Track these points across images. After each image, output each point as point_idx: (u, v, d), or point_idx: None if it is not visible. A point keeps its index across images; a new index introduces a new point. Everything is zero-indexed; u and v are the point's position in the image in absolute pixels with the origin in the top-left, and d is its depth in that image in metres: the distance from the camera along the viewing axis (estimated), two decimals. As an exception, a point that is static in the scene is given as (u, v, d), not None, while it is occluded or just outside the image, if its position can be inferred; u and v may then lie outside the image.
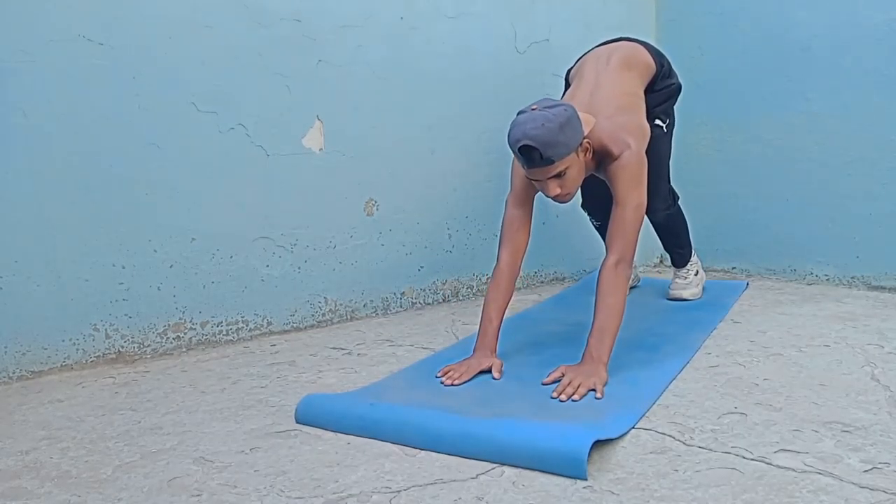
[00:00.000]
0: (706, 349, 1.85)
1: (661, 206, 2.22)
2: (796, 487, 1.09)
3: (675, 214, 2.32)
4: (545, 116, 1.59)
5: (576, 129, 1.64)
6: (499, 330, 1.77)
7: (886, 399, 1.44)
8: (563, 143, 1.60)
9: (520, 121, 1.62)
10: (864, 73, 2.46)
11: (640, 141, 1.81)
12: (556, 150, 1.60)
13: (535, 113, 1.61)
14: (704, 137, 2.95)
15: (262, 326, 2.21)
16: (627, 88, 1.96)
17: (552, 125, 1.58)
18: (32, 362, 1.86)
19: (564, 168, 1.64)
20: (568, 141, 1.62)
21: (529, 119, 1.60)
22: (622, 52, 2.06)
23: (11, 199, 1.80)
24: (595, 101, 1.88)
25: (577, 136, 1.64)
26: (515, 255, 1.82)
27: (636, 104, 1.95)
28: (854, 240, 2.55)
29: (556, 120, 1.59)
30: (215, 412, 1.55)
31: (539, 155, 1.59)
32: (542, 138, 1.57)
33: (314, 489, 1.17)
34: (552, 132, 1.58)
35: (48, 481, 1.24)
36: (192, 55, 2.02)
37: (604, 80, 1.95)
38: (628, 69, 2.01)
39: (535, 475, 1.18)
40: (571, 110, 1.64)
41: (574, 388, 1.51)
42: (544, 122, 1.58)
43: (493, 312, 1.77)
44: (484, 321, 1.77)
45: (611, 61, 2.01)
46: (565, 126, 1.60)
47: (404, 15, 2.41)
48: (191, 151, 2.04)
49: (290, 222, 2.23)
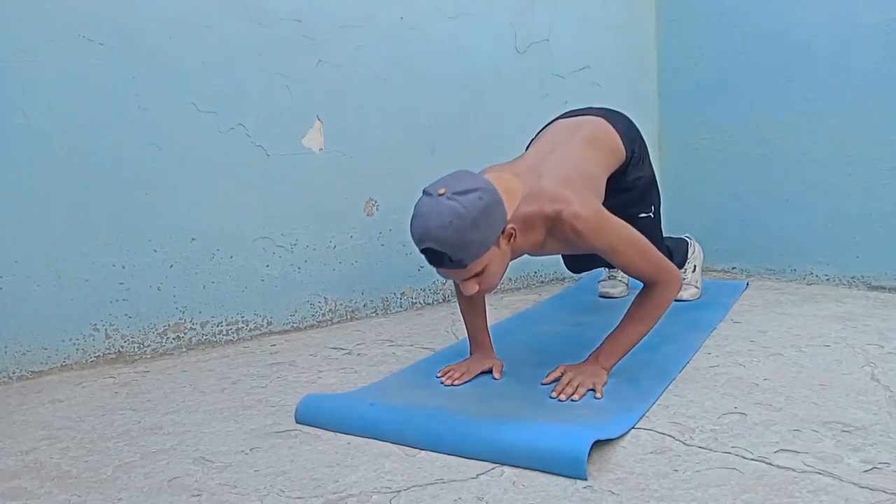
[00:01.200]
0: (706, 349, 1.85)
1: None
2: (796, 487, 1.09)
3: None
4: (454, 210, 1.30)
5: (494, 219, 1.35)
6: (487, 329, 1.77)
7: (886, 399, 1.43)
8: (476, 242, 1.32)
9: (423, 212, 1.33)
10: (864, 73, 2.46)
11: (585, 195, 1.51)
12: (468, 252, 1.33)
13: (443, 203, 1.31)
14: (704, 137, 2.95)
15: (262, 326, 2.21)
16: (584, 160, 1.67)
17: (463, 223, 1.30)
18: (32, 362, 1.86)
19: (482, 268, 1.38)
20: (484, 237, 1.33)
21: (434, 213, 1.31)
22: (589, 128, 1.79)
23: (11, 199, 1.80)
24: (542, 165, 1.60)
25: (496, 227, 1.36)
26: None
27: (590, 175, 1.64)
28: (854, 240, 2.55)
29: (467, 216, 1.30)
30: (215, 412, 1.55)
31: (448, 259, 1.33)
32: (450, 241, 1.30)
33: (314, 489, 1.17)
34: (462, 232, 1.30)
35: (48, 481, 1.24)
36: (192, 55, 2.02)
37: (561, 148, 1.69)
38: (593, 148, 1.72)
39: (535, 475, 1.18)
40: (488, 195, 1.34)
41: (574, 388, 1.51)
42: (453, 218, 1.29)
43: (476, 319, 1.75)
44: (469, 327, 1.76)
45: (574, 135, 1.75)
46: (479, 220, 1.31)
47: (404, 15, 2.41)
48: (191, 151, 2.04)
49: (290, 222, 2.23)
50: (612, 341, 1.59)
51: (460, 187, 1.33)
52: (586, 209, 1.47)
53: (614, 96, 2.96)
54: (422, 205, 1.35)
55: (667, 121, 3.10)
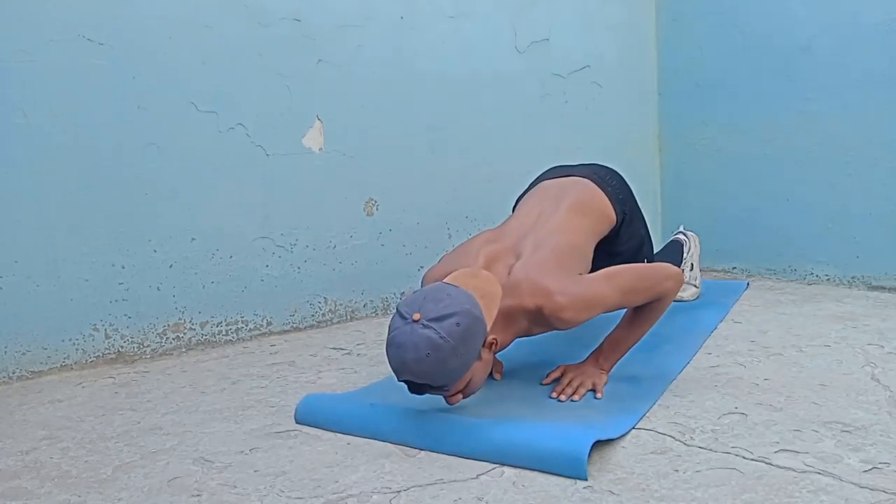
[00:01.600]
0: (706, 349, 1.85)
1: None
2: (796, 487, 1.09)
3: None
4: (430, 342, 1.24)
5: (474, 341, 1.29)
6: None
7: (886, 399, 1.43)
8: (457, 367, 1.28)
9: (398, 341, 1.27)
10: (864, 73, 2.46)
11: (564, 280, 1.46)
12: (450, 378, 1.28)
13: (417, 333, 1.25)
14: (704, 137, 2.95)
15: (261, 326, 2.21)
16: (572, 239, 1.60)
17: (441, 354, 1.24)
18: (32, 362, 1.86)
19: (464, 385, 1.34)
20: (464, 361, 1.28)
21: (411, 344, 1.25)
22: (577, 193, 1.73)
23: (11, 199, 1.80)
24: (525, 242, 1.57)
25: (476, 347, 1.31)
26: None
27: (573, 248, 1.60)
28: (854, 240, 2.54)
29: (445, 347, 1.24)
30: (215, 412, 1.55)
31: (428, 387, 1.30)
32: (428, 374, 1.26)
33: (314, 489, 1.16)
34: (440, 363, 1.25)
35: (48, 481, 1.24)
36: (192, 55, 2.02)
37: (546, 220, 1.64)
38: (581, 215, 1.67)
39: (535, 475, 1.18)
40: (466, 319, 1.27)
41: (574, 389, 1.51)
42: (430, 350, 1.24)
43: None
44: None
45: (562, 202, 1.69)
46: (458, 348, 1.26)
47: (404, 15, 2.41)
48: (191, 151, 2.04)
49: (290, 222, 2.23)
50: (612, 342, 1.60)
51: (436, 312, 1.26)
52: (567, 297, 1.41)
53: (614, 96, 2.96)
54: (396, 333, 1.28)
55: (667, 121, 3.10)
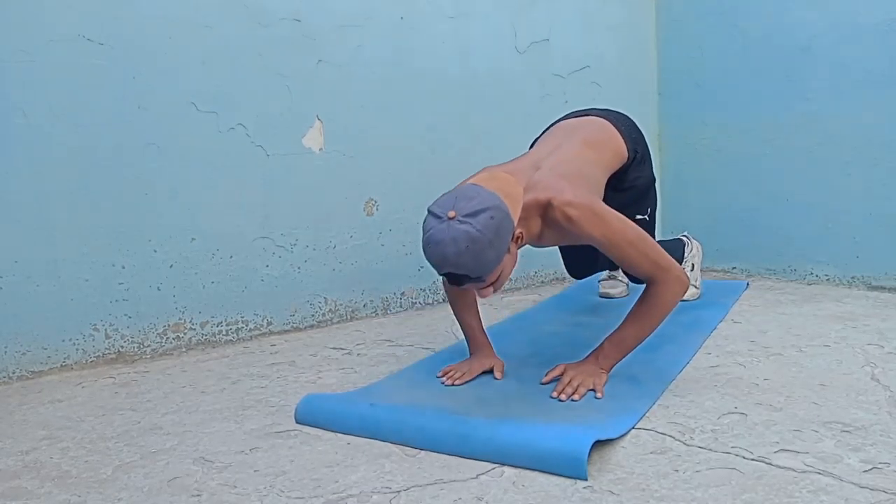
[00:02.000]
0: (706, 349, 1.85)
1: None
2: (796, 487, 1.09)
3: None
4: (468, 235, 1.31)
5: (506, 233, 1.38)
6: (483, 329, 1.77)
7: (886, 399, 1.44)
8: (493, 258, 1.36)
9: (437, 238, 1.34)
10: (864, 73, 2.46)
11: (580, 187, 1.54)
12: (487, 268, 1.37)
13: (455, 228, 1.32)
14: (704, 137, 2.95)
15: (262, 326, 2.21)
16: (585, 160, 1.68)
17: (479, 246, 1.32)
18: (32, 362, 1.86)
19: (496, 276, 1.43)
20: (498, 253, 1.37)
21: (449, 239, 1.32)
22: (591, 129, 1.81)
23: (11, 199, 1.80)
24: (541, 163, 1.64)
25: (507, 239, 1.39)
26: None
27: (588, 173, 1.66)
28: (854, 240, 2.55)
29: (482, 238, 1.32)
30: (215, 412, 1.55)
31: (468, 278, 1.38)
32: (468, 264, 1.34)
33: (314, 489, 1.17)
34: (479, 254, 1.33)
35: (48, 481, 1.24)
36: (192, 55, 2.02)
37: (560, 150, 1.70)
38: (593, 149, 1.74)
39: (535, 475, 1.18)
40: (498, 213, 1.36)
41: (574, 388, 1.51)
42: (468, 243, 1.31)
43: (467, 317, 1.75)
44: (465, 328, 1.76)
45: (575, 136, 1.77)
46: (494, 240, 1.34)
47: (404, 15, 2.41)
48: (191, 151, 2.04)
49: (290, 222, 2.23)
50: (612, 342, 1.59)
51: (469, 208, 1.34)
52: (578, 197, 1.49)
53: (614, 96, 2.96)
54: (434, 231, 1.35)
55: (667, 121, 3.10)
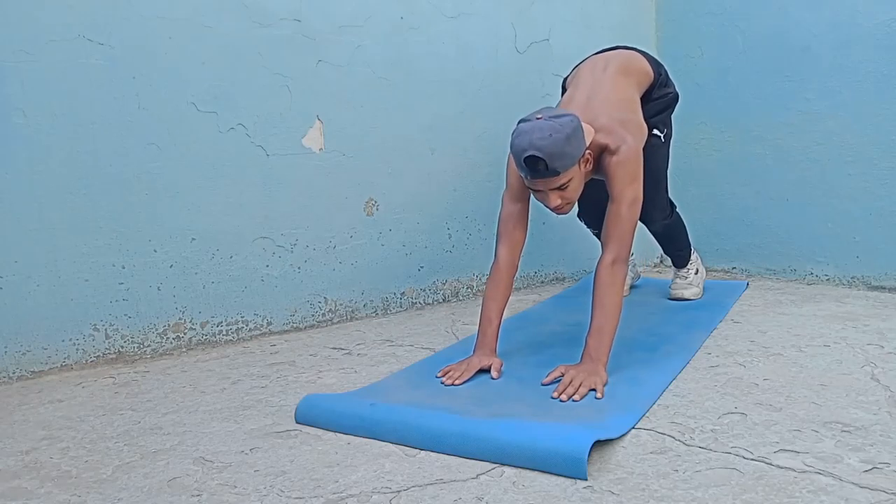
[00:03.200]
0: (706, 349, 1.85)
1: (659, 216, 2.22)
2: (796, 487, 1.09)
3: (673, 223, 2.31)
4: (552, 126, 1.57)
5: (580, 141, 1.62)
6: (498, 329, 1.77)
7: (886, 399, 1.44)
8: (568, 155, 1.58)
9: (525, 129, 1.59)
10: (864, 73, 2.47)
11: (636, 137, 1.80)
12: (562, 162, 1.58)
13: (541, 122, 1.58)
14: (704, 137, 2.95)
15: (262, 326, 2.21)
16: (624, 94, 1.94)
17: (559, 136, 1.56)
18: (32, 362, 1.86)
19: (567, 180, 1.63)
20: (573, 152, 1.60)
21: (536, 128, 1.57)
22: (619, 59, 2.04)
23: (11, 199, 1.80)
24: (592, 104, 1.85)
25: (581, 147, 1.63)
26: (514, 251, 1.81)
27: (633, 107, 1.94)
28: (854, 240, 2.55)
29: (562, 131, 1.56)
30: (215, 412, 1.55)
31: (545, 165, 1.57)
32: (548, 149, 1.55)
33: (314, 489, 1.17)
34: (559, 143, 1.56)
35: (48, 481, 1.24)
36: (192, 55, 2.02)
37: (601, 85, 1.93)
38: (625, 76, 1.98)
39: (535, 475, 1.18)
40: (577, 120, 1.62)
41: (574, 388, 1.51)
42: (551, 132, 1.56)
43: (492, 312, 1.77)
44: (483, 321, 1.77)
45: (608, 68, 1.99)
46: (571, 137, 1.58)
47: (404, 15, 2.41)
48: (191, 151, 2.04)
49: (290, 222, 2.23)
50: (592, 336, 1.63)
51: (553, 113, 1.61)
52: (631, 150, 1.72)
53: (614, 96, 2.96)
54: (523, 126, 1.60)
55: (667, 121, 3.09)
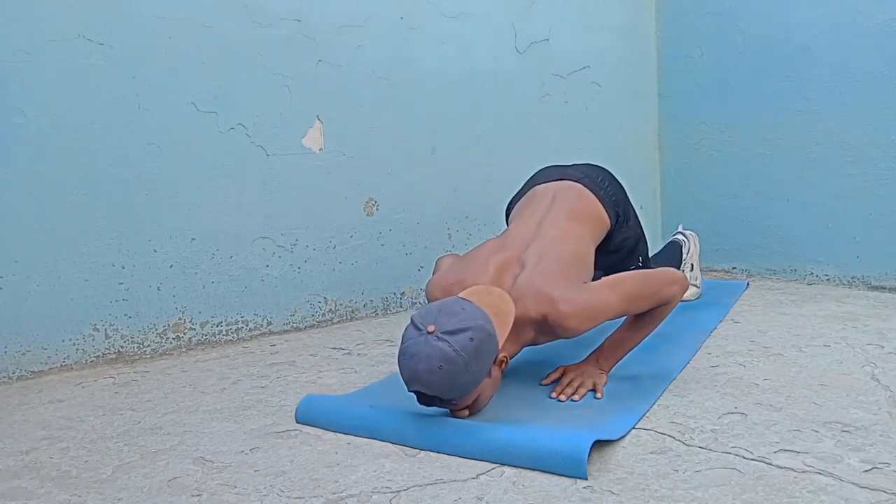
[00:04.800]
0: (706, 349, 1.85)
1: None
2: (796, 487, 1.09)
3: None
4: (444, 355, 1.25)
5: (486, 357, 1.31)
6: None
7: (886, 399, 1.43)
8: (468, 382, 1.29)
9: (411, 351, 1.28)
10: (864, 73, 2.46)
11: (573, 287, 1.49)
12: (459, 392, 1.30)
13: (431, 345, 1.26)
14: (704, 137, 2.95)
15: (262, 326, 2.21)
16: (569, 247, 1.61)
17: (453, 367, 1.26)
18: (32, 362, 1.86)
19: (472, 400, 1.36)
20: (475, 377, 1.30)
21: (424, 355, 1.26)
22: (569, 201, 1.73)
23: (11, 199, 1.80)
24: (530, 251, 1.58)
25: (487, 363, 1.32)
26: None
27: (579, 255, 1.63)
28: (854, 240, 2.55)
29: (458, 360, 1.26)
30: (215, 412, 1.55)
31: (438, 399, 1.32)
32: (438, 385, 1.27)
33: (314, 489, 1.16)
34: (452, 376, 1.26)
35: (48, 481, 1.24)
36: (192, 55, 2.02)
37: (544, 231, 1.64)
38: (578, 223, 1.70)
39: (535, 475, 1.18)
40: (479, 334, 1.29)
41: (574, 389, 1.51)
42: (442, 363, 1.25)
43: None
44: None
45: (555, 207, 1.71)
46: (470, 363, 1.27)
47: (404, 15, 2.41)
48: (191, 151, 2.04)
49: (290, 222, 2.23)
50: (613, 343, 1.60)
51: (450, 325, 1.28)
52: (571, 305, 1.42)
53: (614, 96, 2.97)
54: (410, 343, 1.30)
55: (667, 121, 3.10)
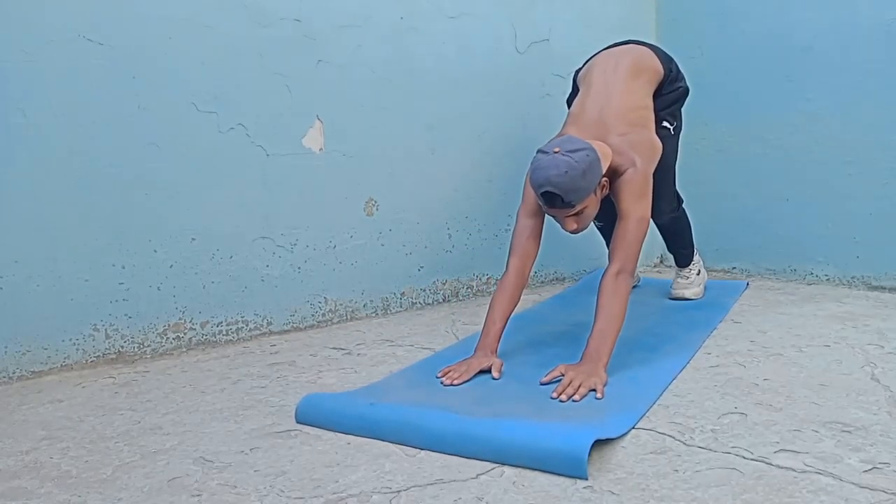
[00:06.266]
0: (706, 349, 1.85)
1: (667, 209, 2.23)
2: (796, 487, 1.09)
3: (679, 217, 2.33)
4: (568, 163, 1.62)
5: (596, 173, 1.68)
6: (502, 333, 1.77)
7: (886, 399, 1.44)
8: (583, 189, 1.65)
9: (543, 164, 1.65)
10: (865, 73, 2.46)
11: (647, 158, 1.85)
12: (578, 195, 1.65)
13: (559, 158, 1.63)
14: (704, 137, 2.95)
15: (262, 326, 2.21)
16: (637, 101, 1.97)
17: (575, 173, 1.62)
18: (32, 362, 1.86)
19: (583, 208, 1.70)
20: (588, 185, 1.66)
21: (553, 164, 1.63)
22: (631, 57, 2.06)
23: (11, 199, 1.80)
24: (605, 116, 1.90)
25: (596, 178, 1.69)
26: (525, 263, 1.84)
27: (646, 117, 1.97)
28: (854, 240, 2.55)
29: (578, 167, 1.63)
30: (215, 412, 1.55)
31: (561, 200, 1.64)
32: (564, 186, 1.62)
33: (314, 489, 1.17)
34: (575, 180, 1.62)
35: (48, 481, 1.24)
36: (192, 55, 2.02)
37: (613, 90, 1.96)
38: (637, 76, 2.01)
39: (535, 475, 1.18)
40: (593, 154, 1.67)
41: (574, 389, 1.51)
42: (568, 168, 1.62)
43: (497, 315, 1.77)
44: (488, 322, 1.77)
45: (619, 68, 2.02)
46: (587, 172, 1.65)
47: (404, 15, 2.41)
48: (191, 151, 2.04)
49: (290, 222, 2.23)
50: (594, 338, 1.63)
51: (571, 147, 1.66)
52: (639, 172, 1.79)
53: (614, 96, 2.95)
54: (540, 160, 1.66)
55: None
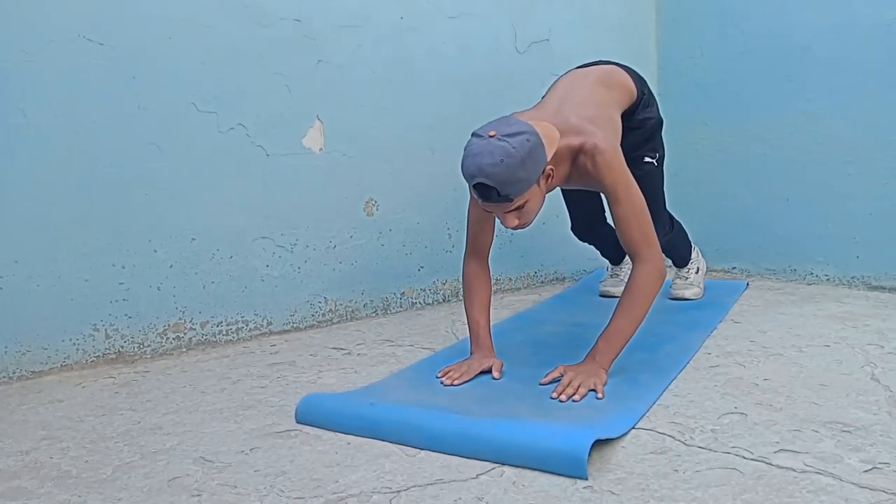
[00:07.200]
0: (706, 349, 1.85)
1: (662, 233, 2.15)
2: (796, 487, 1.09)
3: (674, 234, 2.29)
4: (504, 150, 1.42)
5: (538, 160, 1.48)
6: (489, 328, 1.77)
7: (886, 399, 1.44)
8: (523, 180, 1.45)
9: (475, 151, 1.45)
10: (864, 73, 2.46)
11: (607, 130, 1.67)
12: (516, 188, 1.45)
13: (493, 143, 1.43)
14: (704, 137, 2.95)
15: (262, 326, 2.21)
16: (603, 103, 1.79)
17: (512, 161, 1.42)
18: (32, 362, 1.86)
19: (524, 202, 1.51)
20: (529, 175, 1.46)
21: (486, 151, 1.43)
22: (603, 70, 1.93)
23: (11, 199, 1.80)
24: (563, 109, 1.72)
25: (539, 167, 1.49)
26: (482, 255, 1.79)
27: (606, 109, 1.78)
28: (854, 240, 2.54)
29: (516, 155, 1.43)
30: (215, 412, 1.55)
31: (497, 193, 1.45)
32: (499, 176, 1.42)
33: (314, 489, 1.17)
34: (511, 169, 1.43)
35: (48, 481, 1.24)
36: (192, 55, 2.02)
37: (577, 91, 1.80)
38: (608, 88, 1.86)
39: (535, 475, 1.18)
40: (534, 138, 1.47)
41: (574, 389, 1.51)
42: (503, 156, 1.42)
43: (476, 314, 1.76)
44: (471, 324, 1.77)
45: (588, 77, 1.88)
46: (527, 160, 1.44)
47: (404, 15, 2.41)
48: (191, 151, 2.04)
49: (290, 222, 2.23)
50: (606, 338, 1.60)
51: (509, 130, 1.46)
52: (606, 144, 1.61)
53: (614, 96, 2.95)
54: (473, 145, 1.47)
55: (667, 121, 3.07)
